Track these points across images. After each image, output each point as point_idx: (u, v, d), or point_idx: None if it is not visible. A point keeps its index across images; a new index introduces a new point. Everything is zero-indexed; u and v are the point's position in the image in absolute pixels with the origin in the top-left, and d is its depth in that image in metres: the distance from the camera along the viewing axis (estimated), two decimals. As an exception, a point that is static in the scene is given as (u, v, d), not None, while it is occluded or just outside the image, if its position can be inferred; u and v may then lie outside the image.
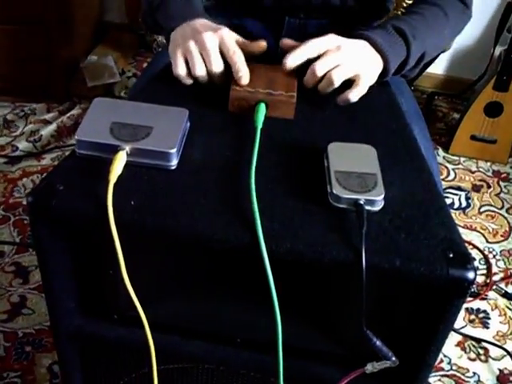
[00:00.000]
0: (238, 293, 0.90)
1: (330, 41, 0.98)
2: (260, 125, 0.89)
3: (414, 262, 0.74)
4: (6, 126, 2.24)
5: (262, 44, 1.01)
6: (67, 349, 0.97)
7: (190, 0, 1.08)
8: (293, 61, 0.96)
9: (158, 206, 0.77)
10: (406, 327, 0.83)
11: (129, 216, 0.76)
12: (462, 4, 1.17)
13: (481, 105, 2.23)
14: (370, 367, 0.85)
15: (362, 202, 0.77)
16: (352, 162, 0.83)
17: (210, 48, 0.94)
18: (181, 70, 0.96)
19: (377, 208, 0.79)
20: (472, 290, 1.75)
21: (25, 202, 1.93)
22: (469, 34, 2.49)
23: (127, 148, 0.80)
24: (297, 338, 0.88)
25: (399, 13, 1.49)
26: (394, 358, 0.83)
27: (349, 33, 1.08)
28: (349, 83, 0.96)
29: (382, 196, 0.79)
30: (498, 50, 2.23)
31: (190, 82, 0.97)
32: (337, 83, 0.95)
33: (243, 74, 0.94)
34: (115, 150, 0.80)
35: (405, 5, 1.64)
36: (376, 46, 1.01)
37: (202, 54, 0.95)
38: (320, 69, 0.95)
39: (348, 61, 0.96)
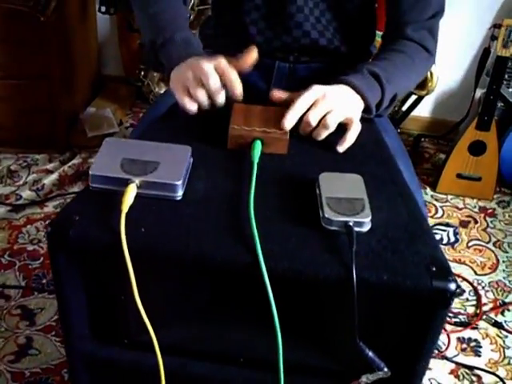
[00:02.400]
0: (239, 316, 0.96)
1: (316, 91, 1.06)
2: (257, 160, 0.97)
3: (400, 276, 0.82)
4: (10, 175, 2.32)
5: (253, 54, 1.09)
6: (81, 373, 1.03)
7: (189, 42, 1.18)
8: (290, 123, 1.03)
9: (167, 232, 0.85)
10: (395, 339, 0.89)
11: (140, 242, 0.83)
12: (426, 52, 1.29)
13: (465, 144, 2.33)
14: (364, 379, 0.91)
15: (351, 224, 0.85)
16: (341, 189, 0.91)
17: (206, 71, 1.04)
18: (184, 99, 1.05)
19: (365, 229, 0.86)
20: (462, 320, 1.83)
21: (29, 248, 2.00)
22: (451, 79, 2.62)
23: (137, 181, 0.88)
24: (296, 356, 0.93)
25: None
26: (386, 369, 0.89)
27: (332, 78, 1.19)
28: (339, 127, 1.05)
29: (369, 218, 0.86)
30: (479, 92, 2.35)
31: (194, 107, 1.06)
32: (332, 128, 1.03)
33: (237, 86, 1.04)
34: (126, 183, 0.87)
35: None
36: (356, 88, 1.11)
37: (201, 80, 1.04)
38: (313, 119, 1.03)
39: (337, 106, 1.05)
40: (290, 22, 1.34)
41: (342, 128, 1.05)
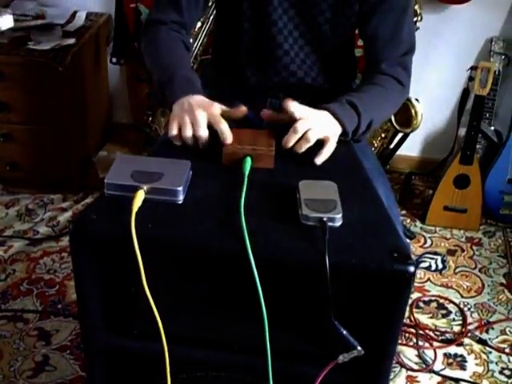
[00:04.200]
0: (233, 306, 1.10)
1: (303, 111, 1.25)
2: (247, 172, 1.14)
3: (366, 260, 0.98)
4: (28, 213, 2.49)
5: (243, 109, 1.28)
6: (95, 361, 1.18)
7: (191, 80, 1.35)
8: (290, 142, 1.21)
9: (170, 227, 1.02)
10: (366, 319, 1.04)
11: (147, 235, 1.00)
12: (399, 85, 1.46)
13: (450, 178, 2.50)
14: (341, 358, 1.04)
15: (325, 220, 1.01)
16: (317, 192, 1.08)
17: (199, 119, 1.22)
18: (174, 131, 1.23)
19: (337, 224, 1.02)
20: (449, 337, 1.96)
21: (46, 277, 2.16)
22: (437, 119, 2.80)
23: (145, 187, 1.05)
24: (281, 342, 1.06)
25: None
26: (359, 348, 1.04)
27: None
28: (316, 145, 1.22)
29: (341, 215, 1.02)
30: (461, 130, 2.53)
31: (179, 143, 1.24)
32: (312, 141, 1.20)
33: (227, 136, 1.20)
34: (135, 189, 1.04)
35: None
36: (335, 115, 1.28)
37: (192, 124, 1.22)
38: (299, 130, 1.20)
39: (318, 125, 1.23)
40: (278, 65, 1.53)
41: (319, 145, 1.22)
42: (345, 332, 1.03)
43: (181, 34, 1.47)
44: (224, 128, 1.21)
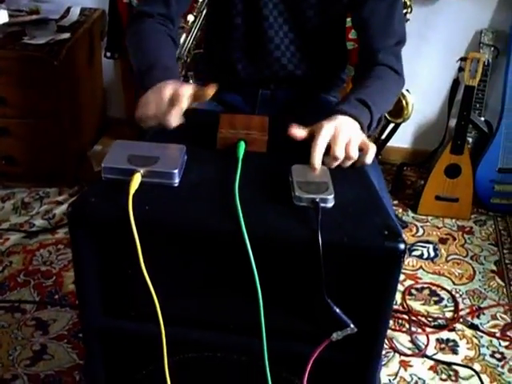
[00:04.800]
0: (228, 287, 1.12)
1: (329, 128, 1.17)
2: (241, 156, 1.16)
3: (358, 239, 1.01)
4: (24, 207, 2.52)
5: (212, 86, 1.20)
6: (93, 343, 1.20)
7: (169, 68, 1.33)
8: (318, 162, 1.13)
9: (167, 209, 1.04)
10: (358, 296, 1.06)
11: (144, 217, 1.02)
12: (396, 74, 1.48)
13: (441, 168, 2.53)
14: (335, 335, 1.07)
15: (317, 200, 1.04)
16: (309, 175, 1.10)
17: (162, 98, 1.20)
18: (140, 113, 1.24)
19: (329, 205, 1.05)
20: (441, 323, 2.00)
21: (42, 269, 2.19)
22: (428, 110, 2.83)
23: (142, 171, 1.07)
24: (275, 322, 1.08)
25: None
26: (352, 326, 1.06)
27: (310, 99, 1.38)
28: None
29: (332, 196, 1.05)
30: (452, 120, 2.56)
31: (147, 125, 1.24)
32: (355, 157, 1.17)
33: (170, 123, 1.19)
34: (132, 172, 1.06)
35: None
36: (352, 116, 1.24)
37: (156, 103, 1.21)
38: (340, 154, 1.15)
39: (350, 136, 1.17)
40: (269, 58, 1.56)
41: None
42: (338, 310, 1.05)
43: (166, 27, 1.48)
44: (173, 111, 1.19)
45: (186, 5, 1.56)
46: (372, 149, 1.20)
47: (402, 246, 1.00)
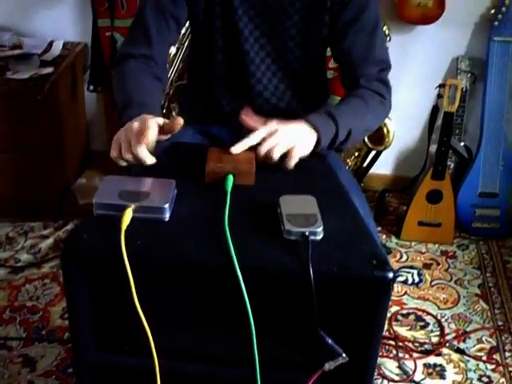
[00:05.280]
0: (221, 320, 1.13)
1: (270, 127, 1.29)
2: (229, 189, 1.18)
3: (347, 269, 1.03)
4: (8, 242, 2.51)
5: (179, 120, 1.24)
6: (86, 378, 1.20)
7: (145, 104, 1.35)
8: (237, 149, 1.26)
9: (158, 243, 1.06)
10: (349, 325, 1.08)
11: (137, 252, 1.03)
12: (379, 97, 1.51)
13: (423, 193, 2.56)
14: (327, 365, 1.09)
15: (307, 234, 1.06)
16: (298, 207, 1.12)
17: (131, 137, 1.22)
18: (113, 153, 1.26)
19: (318, 237, 1.07)
20: (428, 348, 2.01)
21: (28, 304, 2.18)
22: (409, 137, 2.87)
23: (133, 206, 1.09)
24: (268, 353, 1.09)
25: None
26: (344, 355, 1.08)
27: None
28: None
29: (321, 228, 1.07)
30: (432, 146, 2.60)
31: (123, 163, 1.26)
32: (275, 158, 1.26)
33: (142, 159, 1.21)
34: (124, 208, 1.08)
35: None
36: (310, 123, 1.33)
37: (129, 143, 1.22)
38: (261, 152, 1.26)
39: (282, 140, 1.27)
40: (252, 93, 1.59)
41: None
42: (330, 341, 1.07)
43: (149, 66, 1.50)
44: (140, 144, 1.21)
45: (169, 44, 1.58)
46: (295, 157, 1.27)
47: (390, 275, 1.03)
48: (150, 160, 1.21)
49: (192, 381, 1.20)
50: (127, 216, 1.07)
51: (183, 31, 2.25)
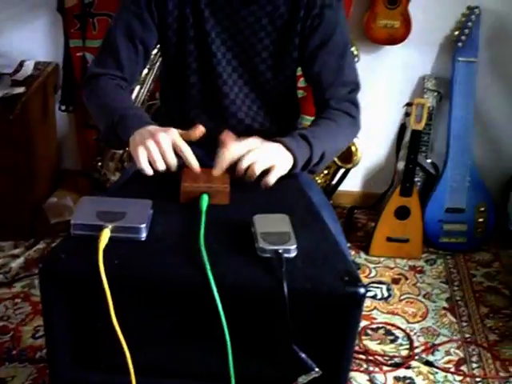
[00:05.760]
0: (197, 336, 1.15)
1: (250, 144, 1.32)
2: (204, 208, 1.21)
3: (320, 285, 1.06)
4: (-21, 261, 2.51)
5: (200, 129, 1.33)
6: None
7: (142, 116, 1.39)
8: (219, 170, 1.29)
9: (135, 263, 1.08)
10: (322, 340, 1.11)
11: (114, 271, 1.05)
12: (349, 117, 1.56)
13: (391, 210, 2.62)
14: (301, 380, 1.11)
15: (280, 251, 1.08)
16: (271, 225, 1.15)
17: (165, 148, 1.26)
18: (144, 164, 1.26)
19: (292, 255, 1.10)
20: (397, 361, 2.05)
21: None
22: (377, 155, 2.93)
23: (110, 226, 1.11)
24: (244, 368, 1.11)
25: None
26: (317, 369, 1.11)
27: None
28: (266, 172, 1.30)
29: (295, 246, 1.10)
30: (400, 164, 2.66)
31: (151, 172, 1.27)
32: (257, 173, 1.28)
33: (194, 164, 1.28)
34: (101, 228, 1.10)
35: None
36: (286, 146, 1.35)
37: (160, 152, 1.26)
38: (242, 166, 1.28)
39: (263, 157, 1.29)
40: (226, 114, 1.62)
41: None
42: (303, 355, 1.09)
43: (120, 82, 1.52)
44: (189, 155, 1.28)
45: (137, 69, 1.59)
46: (274, 174, 1.30)
47: (362, 291, 1.06)
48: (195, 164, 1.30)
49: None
50: (105, 236, 1.09)
51: (154, 51, 2.27)
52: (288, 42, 1.55)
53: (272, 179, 1.30)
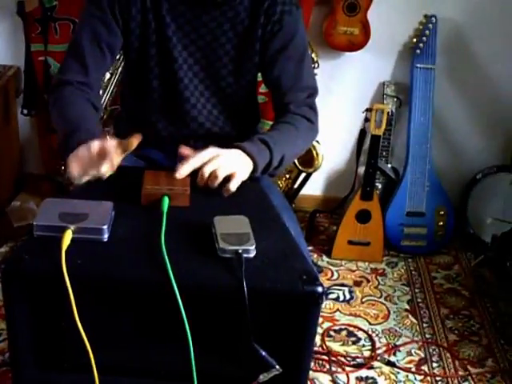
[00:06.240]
0: (159, 335, 1.17)
1: (211, 152, 1.34)
2: (165, 210, 1.23)
3: (279, 284, 1.09)
4: None
5: (137, 137, 1.29)
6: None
7: (94, 133, 1.37)
8: (183, 173, 1.30)
9: (97, 262, 1.10)
10: (281, 338, 1.13)
11: (77, 271, 1.07)
12: (308, 122, 1.59)
13: (352, 214, 2.66)
14: (262, 377, 1.14)
15: (240, 251, 1.11)
16: (231, 226, 1.18)
17: (93, 153, 1.25)
18: (74, 172, 1.27)
19: (251, 255, 1.13)
20: (360, 362, 2.09)
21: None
22: (338, 159, 2.98)
23: (72, 227, 1.12)
24: (205, 366, 1.14)
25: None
26: (277, 366, 1.13)
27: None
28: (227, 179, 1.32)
29: (254, 246, 1.13)
30: (361, 168, 2.71)
31: (80, 181, 1.28)
32: (220, 178, 1.30)
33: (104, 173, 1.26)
34: (64, 229, 1.11)
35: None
36: (246, 151, 1.38)
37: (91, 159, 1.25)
38: (205, 172, 1.30)
39: (225, 163, 1.32)
40: (186, 118, 1.65)
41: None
42: (264, 353, 1.12)
43: (86, 93, 1.53)
44: (105, 164, 1.26)
45: (104, 72, 1.64)
46: (236, 181, 1.32)
47: (319, 289, 1.09)
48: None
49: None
50: (67, 237, 1.10)
51: (117, 57, 2.28)
52: (249, 47, 1.58)
53: (233, 186, 1.32)
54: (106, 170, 1.26)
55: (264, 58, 1.59)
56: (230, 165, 1.33)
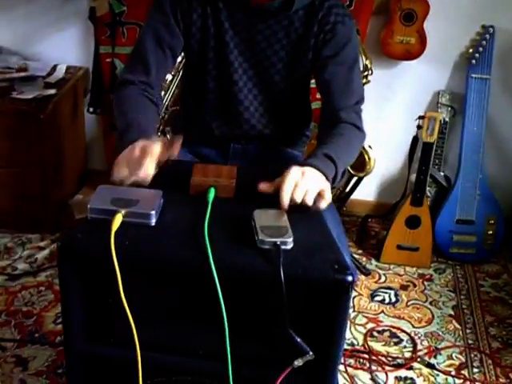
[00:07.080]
0: (199, 315, 1.25)
1: (294, 175, 1.31)
2: (211, 201, 1.31)
3: (311, 271, 1.16)
4: (7, 251, 2.64)
5: (177, 141, 1.37)
6: (76, 367, 1.32)
7: (144, 130, 1.45)
8: (286, 202, 1.28)
9: (144, 245, 1.19)
10: (314, 325, 1.20)
11: (124, 251, 1.16)
12: (357, 130, 1.63)
13: (402, 219, 2.70)
14: (296, 362, 1.20)
15: (278, 243, 1.18)
16: (270, 219, 1.25)
17: (134, 160, 1.31)
18: (120, 174, 1.33)
19: (288, 247, 1.19)
20: (400, 362, 2.13)
21: (24, 309, 2.31)
22: (390, 165, 3.01)
23: (123, 211, 1.22)
24: (241, 348, 1.21)
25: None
26: (311, 353, 1.19)
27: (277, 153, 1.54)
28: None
29: (291, 238, 1.19)
30: (412, 175, 2.74)
31: (126, 184, 1.32)
32: (310, 203, 1.31)
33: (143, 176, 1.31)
34: (115, 213, 1.21)
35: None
36: (319, 169, 1.38)
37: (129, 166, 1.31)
38: (297, 198, 1.29)
39: (312, 185, 1.31)
40: (240, 119, 1.74)
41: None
42: (298, 339, 1.18)
43: (147, 93, 1.62)
44: (145, 163, 1.31)
45: (165, 72, 1.73)
46: (327, 198, 1.34)
47: (349, 278, 1.15)
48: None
49: (170, 371, 1.31)
50: (117, 220, 1.20)
51: (179, 59, 2.39)
52: (301, 54, 1.65)
53: (324, 204, 1.34)
54: (145, 170, 1.30)
55: (315, 64, 1.66)
56: (316, 185, 1.33)
